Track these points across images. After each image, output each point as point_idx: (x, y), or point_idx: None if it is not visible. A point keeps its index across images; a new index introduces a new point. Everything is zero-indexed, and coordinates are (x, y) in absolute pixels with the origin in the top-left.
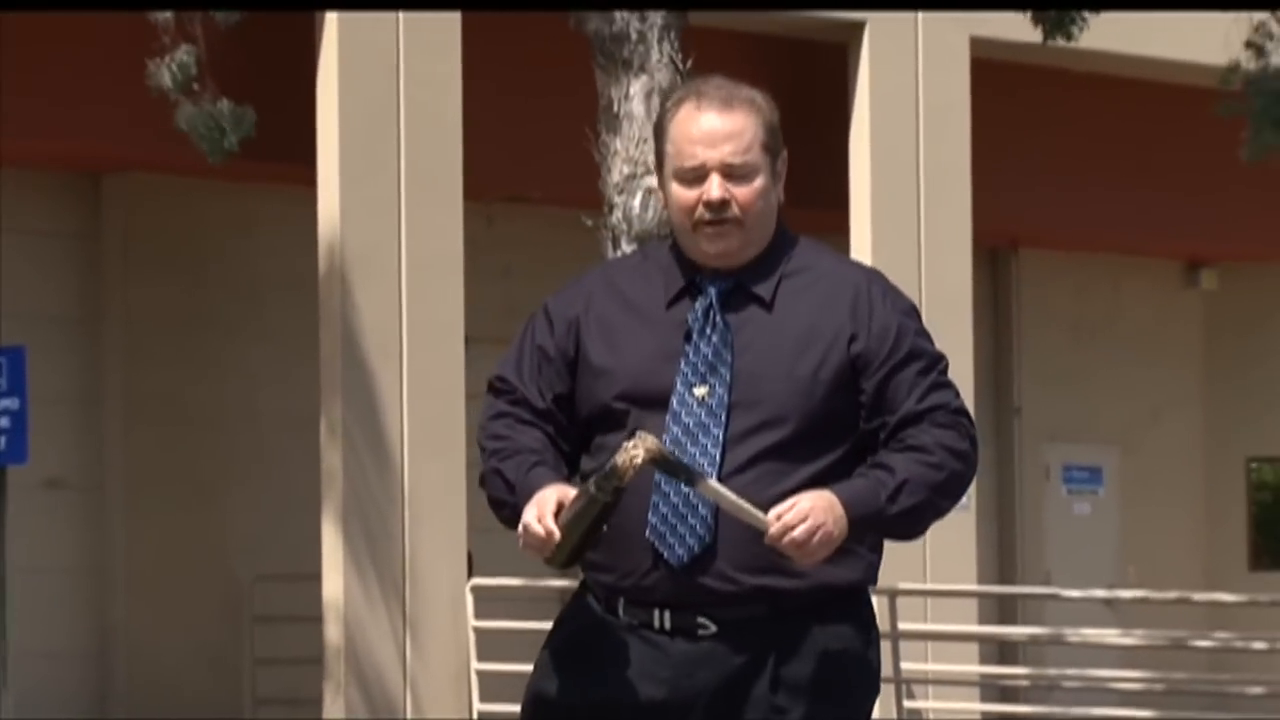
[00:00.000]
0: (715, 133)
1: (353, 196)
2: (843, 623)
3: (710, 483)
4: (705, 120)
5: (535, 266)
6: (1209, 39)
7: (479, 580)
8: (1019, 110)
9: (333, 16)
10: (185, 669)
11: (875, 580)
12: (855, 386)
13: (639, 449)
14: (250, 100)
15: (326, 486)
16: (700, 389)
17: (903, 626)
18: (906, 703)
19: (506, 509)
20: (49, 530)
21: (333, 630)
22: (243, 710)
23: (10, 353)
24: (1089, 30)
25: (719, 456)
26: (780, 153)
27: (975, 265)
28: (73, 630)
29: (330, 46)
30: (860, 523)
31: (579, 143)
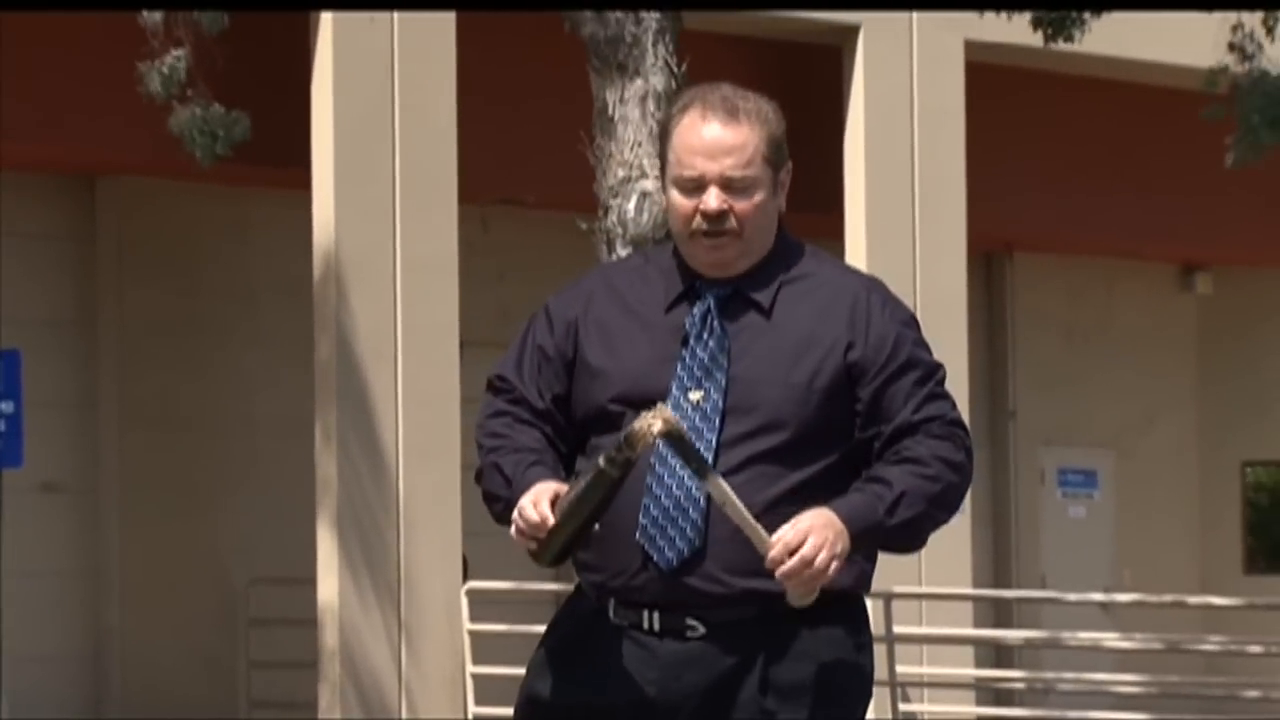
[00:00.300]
0: (717, 145)
1: (347, 200)
2: (834, 626)
3: (719, 480)
4: (708, 131)
5: (530, 270)
6: (1202, 43)
7: (474, 584)
8: (1014, 114)
9: (327, 20)
10: (180, 672)
11: (868, 587)
12: (851, 395)
13: (657, 419)
14: (245, 104)
15: (321, 490)
16: (695, 393)
17: (898, 630)
18: (902, 706)
19: (501, 504)
20: (44, 534)
21: (328, 634)
22: (238, 713)
23: (5, 356)
24: (1084, 34)
25: (712, 460)
26: (784, 165)
27: (970, 269)
28: (68, 634)
29: (325, 50)
30: (860, 537)
31: (574, 146)
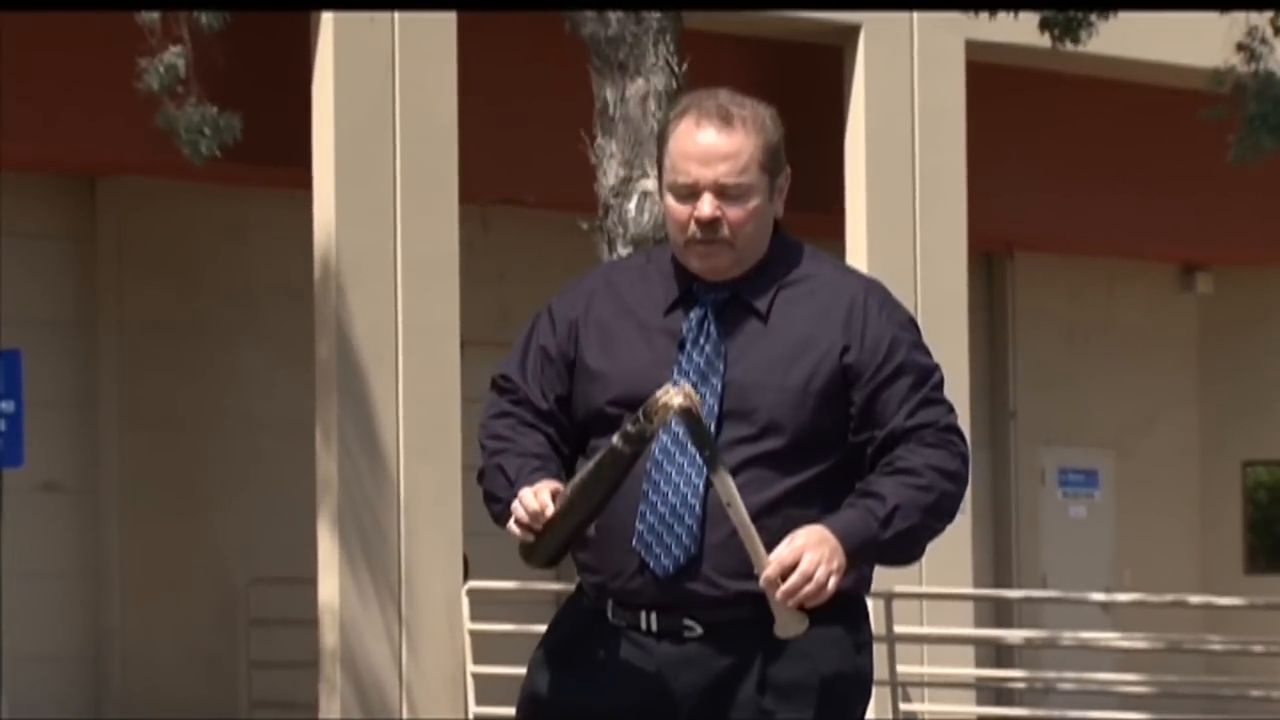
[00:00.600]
0: (711, 151)
1: (348, 200)
2: (833, 626)
3: (726, 476)
4: (702, 138)
5: (530, 270)
6: (1204, 42)
7: (474, 583)
8: (1014, 114)
9: (328, 20)
10: (180, 672)
11: (868, 589)
12: (847, 398)
13: (679, 394)
14: (245, 103)
15: (322, 490)
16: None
17: (899, 629)
18: (903, 705)
19: (501, 505)
20: (44, 534)
21: (328, 634)
22: (238, 713)
23: (6, 356)
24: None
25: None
26: (781, 171)
27: (970, 269)
28: (68, 634)
29: (325, 50)
30: (856, 553)
31: (574, 146)
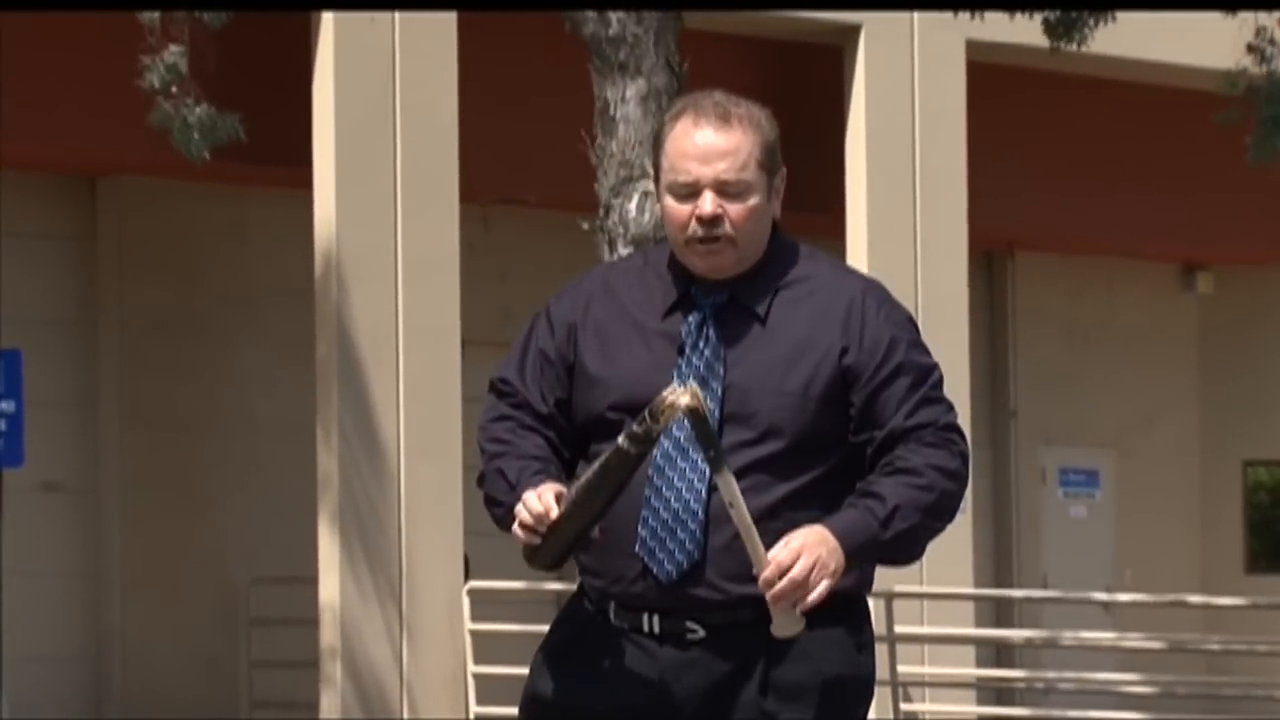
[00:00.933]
0: (710, 149)
1: (348, 200)
2: (834, 627)
3: (730, 477)
4: (701, 136)
5: (531, 270)
6: (1204, 42)
7: (475, 583)
8: (1014, 114)
9: (328, 19)
10: (181, 672)
11: (869, 588)
12: (846, 400)
13: (686, 393)
14: (245, 103)
15: (322, 490)
16: None
17: (899, 629)
18: (904, 705)
19: (502, 508)
20: (44, 534)
21: (329, 633)
22: (239, 713)
23: (6, 356)
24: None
25: (709, 469)
26: (778, 170)
27: (971, 269)
28: (68, 634)
29: (326, 49)
30: (856, 553)
31: (575, 146)
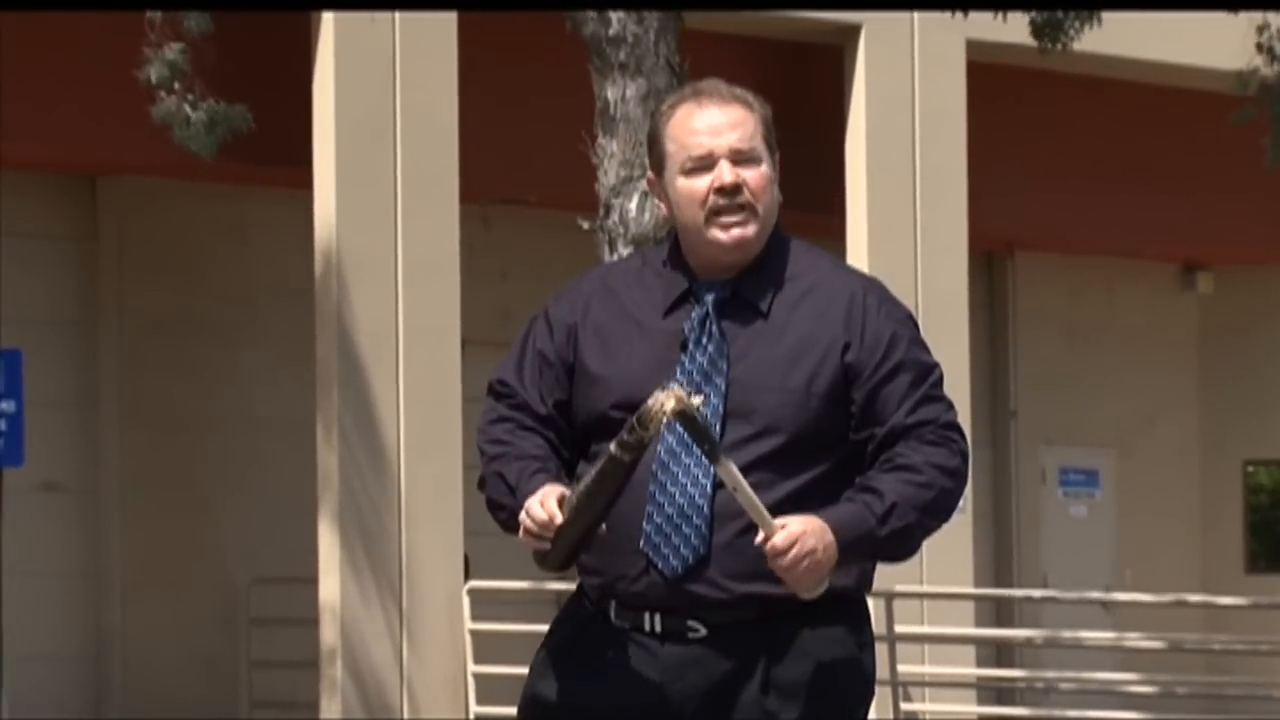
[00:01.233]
0: (719, 124)
1: (348, 199)
2: (835, 626)
3: (729, 465)
4: (706, 115)
5: (531, 269)
6: (1205, 42)
7: (475, 583)
8: (1015, 114)
9: (329, 19)
10: (181, 672)
11: (869, 587)
12: (848, 397)
13: (670, 398)
14: (245, 103)
15: (322, 489)
16: (696, 398)
17: (899, 629)
18: (904, 705)
19: (505, 511)
20: (44, 534)
21: (329, 633)
22: (238, 713)
23: (6, 356)
24: (1084, 33)
25: (712, 466)
26: (776, 152)
27: (971, 269)
28: (68, 634)
29: (326, 49)
30: (851, 548)
31: (575, 145)
